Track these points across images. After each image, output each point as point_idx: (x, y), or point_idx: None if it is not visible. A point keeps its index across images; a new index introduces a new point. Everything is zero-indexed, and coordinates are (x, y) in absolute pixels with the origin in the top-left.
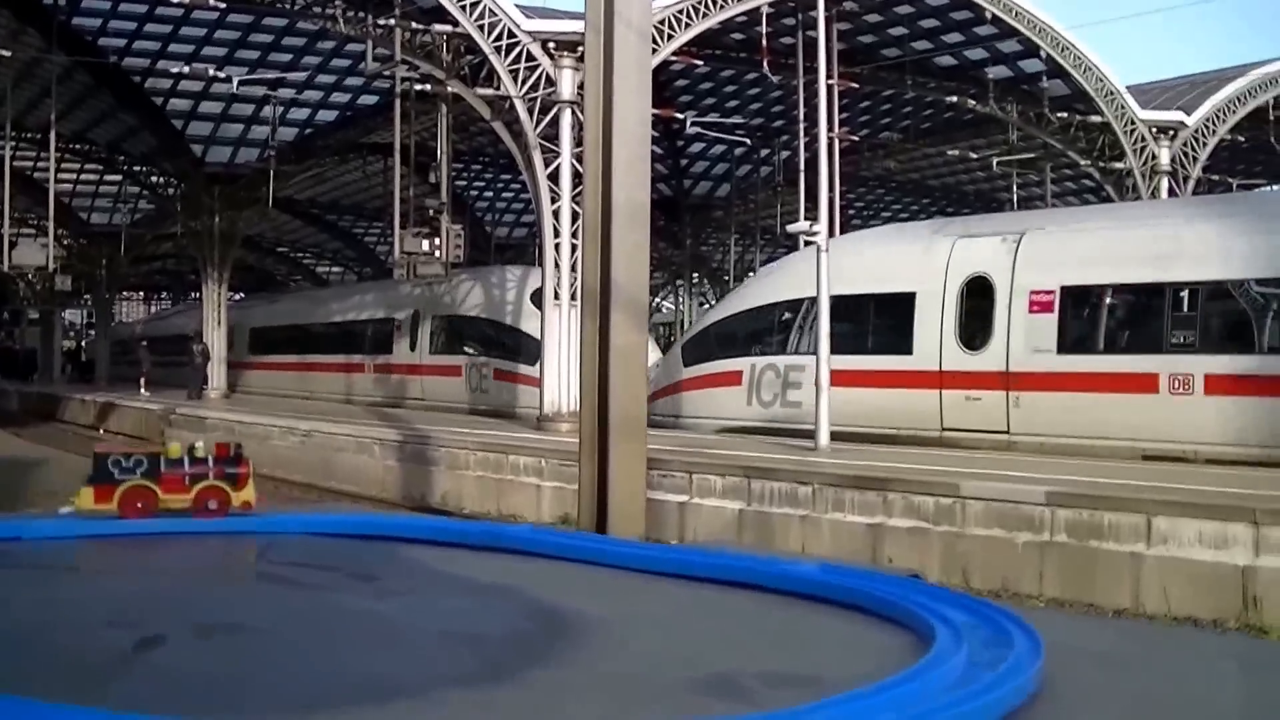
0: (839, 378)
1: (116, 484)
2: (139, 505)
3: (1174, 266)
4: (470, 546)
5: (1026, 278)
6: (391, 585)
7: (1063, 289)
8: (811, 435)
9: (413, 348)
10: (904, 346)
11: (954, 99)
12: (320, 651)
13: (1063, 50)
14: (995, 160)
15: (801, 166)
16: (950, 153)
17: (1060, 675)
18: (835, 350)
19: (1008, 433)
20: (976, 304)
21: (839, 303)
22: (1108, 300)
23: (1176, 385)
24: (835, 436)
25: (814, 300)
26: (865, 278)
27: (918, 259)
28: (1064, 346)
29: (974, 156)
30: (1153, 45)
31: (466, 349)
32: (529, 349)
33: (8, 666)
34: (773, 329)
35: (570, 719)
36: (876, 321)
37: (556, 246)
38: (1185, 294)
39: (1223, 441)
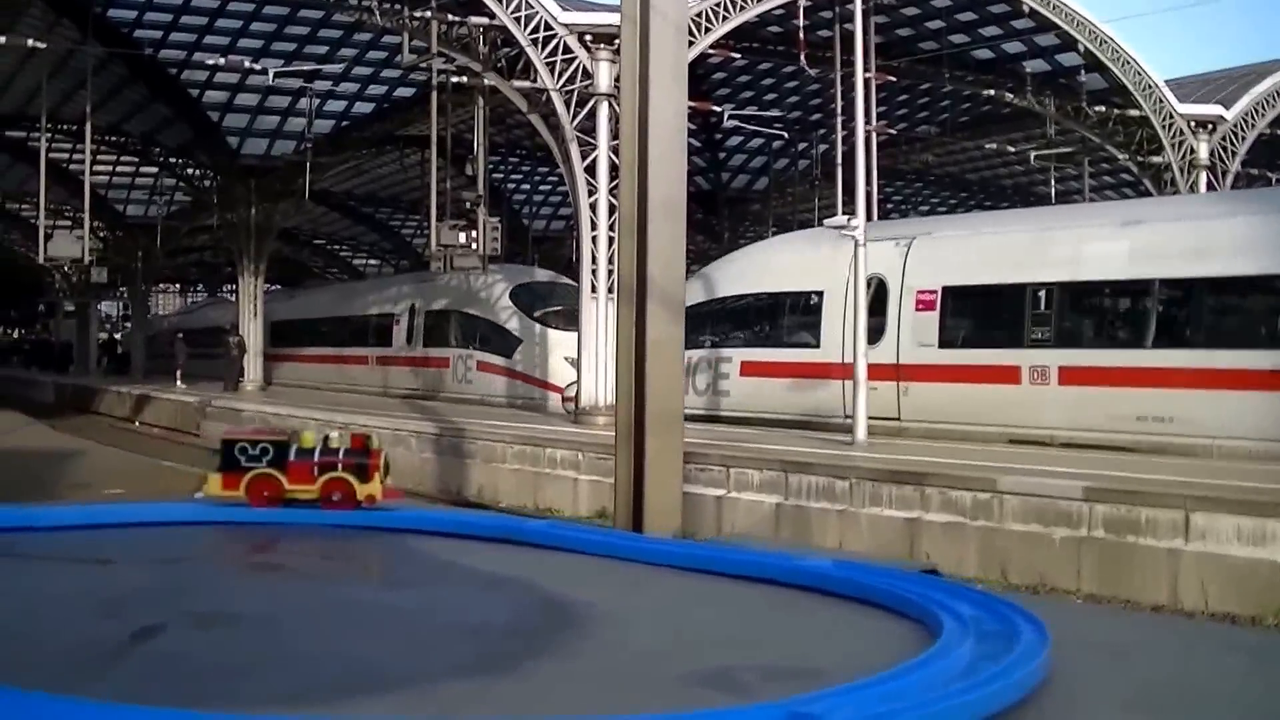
0: (757, 369)
1: (243, 471)
2: (265, 494)
3: (1035, 269)
4: (487, 539)
5: (914, 279)
6: (404, 577)
7: (943, 289)
8: (734, 422)
9: (409, 341)
10: (813, 341)
11: (991, 92)
12: (320, 641)
13: (1101, 44)
14: (1033, 154)
15: (839, 160)
16: (988, 146)
17: (1066, 666)
18: (753, 344)
19: (899, 419)
20: (874, 302)
21: (758, 300)
22: (979, 300)
23: (1036, 377)
24: (748, 423)
25: (731, 299)
26: (782, 278)
27: (827, 260)
28: (943, 342)
29: (1011, 150)
30: (1191, 39)
31: (453, 342)
32: (509, 343)
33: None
34: (705, 325)
35: (560, 710)
36: (790, 318)
37: (594, 239)
38: (1042, 294)
39: (1073, 426)
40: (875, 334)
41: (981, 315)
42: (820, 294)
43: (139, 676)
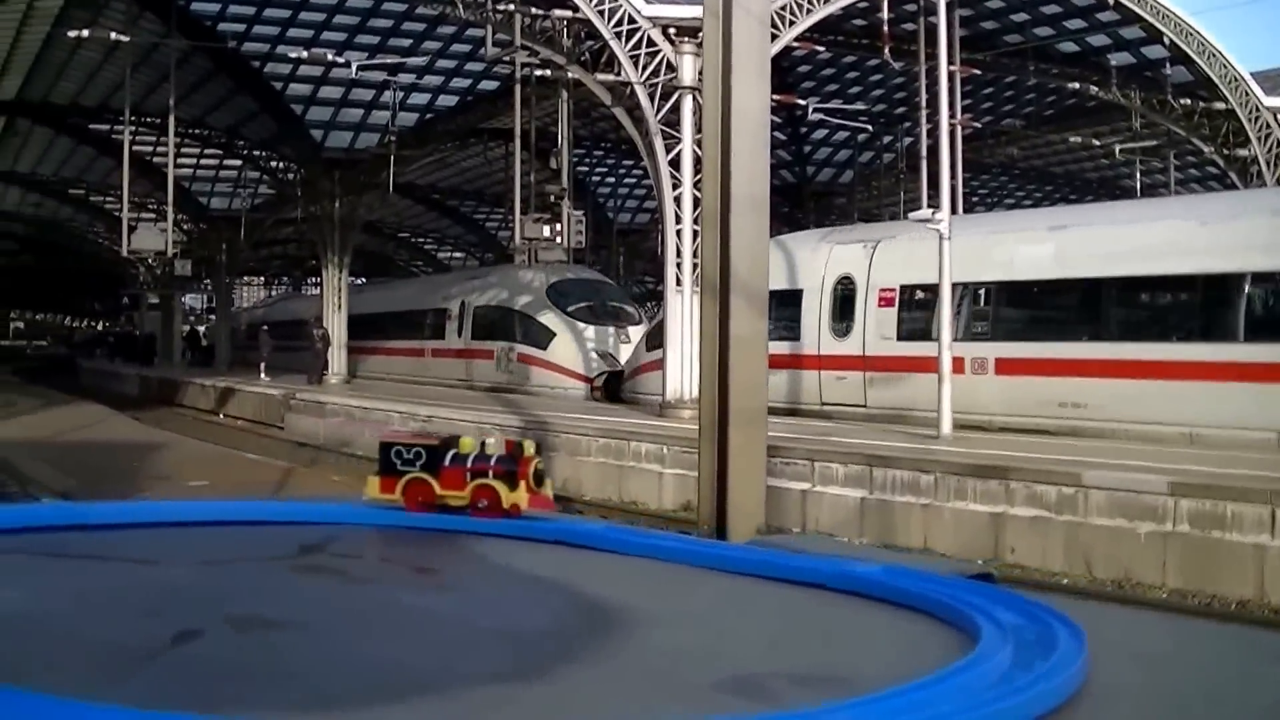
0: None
1: (399, 475)
2: (419, 499)
3: (977, 270)
4: (539, 541)
5: (877, 278)
6: (448, 579)
7: (900, 287)
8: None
9: (459, 334)
10: (794, 333)
11: (1076, 85)
12: (356, 645)
13: (1186, 36)
14: (1118, 148)
15: (923, 153)
16: (1072, 140)
17: (1102, 674)
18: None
19: (865, 406)
20: (845, 300)
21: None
22: (931, 297)
23: (977, 367)
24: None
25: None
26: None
27: (806, 261)
28: (900, 335)
29: (1096, 144)
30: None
31: (496, 336)
32: (544, 336)
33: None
34: None
35: (583, 716)
36: (777, 313)
37: (678, 233)
38: (982, 292)
39: (1008, 412)
40: (846, 329)
41: (933, 311)
42: (800, 292)
43: (169, 679)
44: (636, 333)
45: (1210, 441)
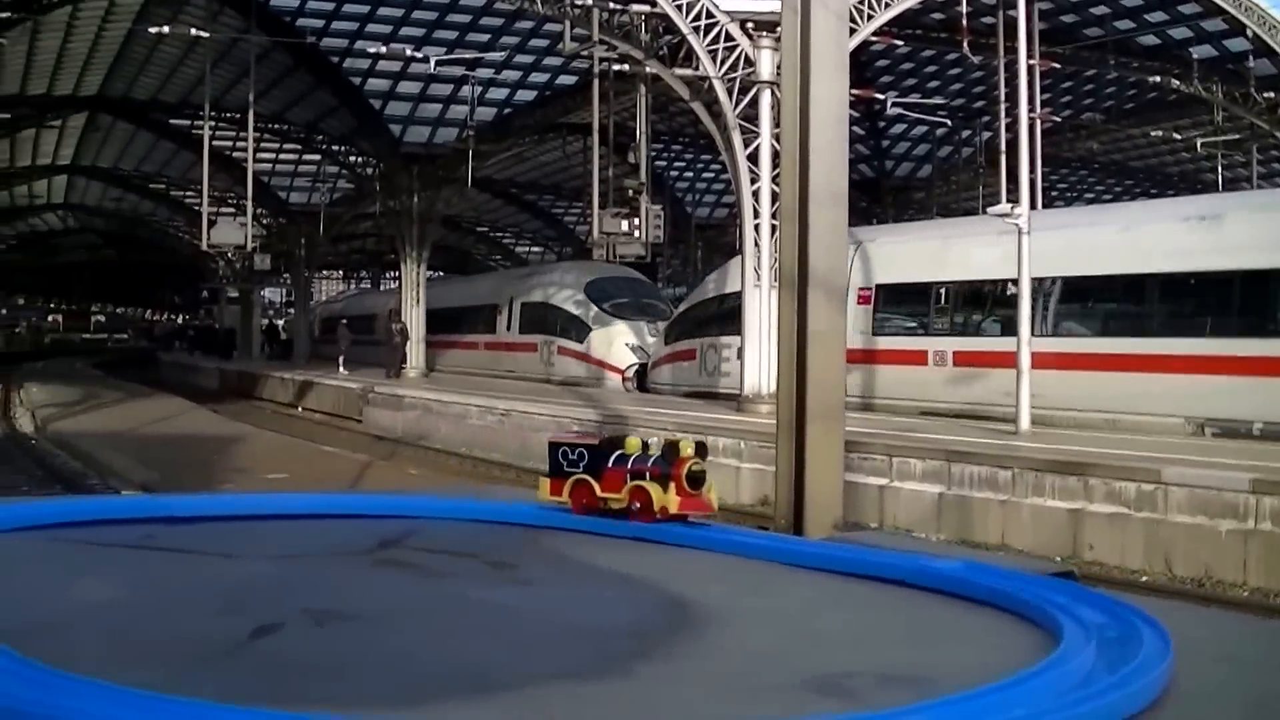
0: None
1: (566, 477)
2: (582, 501)
3: (937, 270)
4: (618, 537)
5: (856, 278)
6: (527, 575)
7: (877, 286)
8: (730, 398)
9: (509, 328)
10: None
11: (1157, 79)
12: (432, 642)
13: (1270, 29)
14: (1199, 141)
15: (1002, 147)
16: (1153, 134)
17: (1189, 676)
18: (736, 332)
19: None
20: None
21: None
22: (900, 295)
23: (938, 359)
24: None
25: (730, 296)
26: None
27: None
28: (875, 330)
29: (1178, 138)
30: None
31: (539, 330)
32: (581, 331)
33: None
34: (712, 318)
35: (664, 716)
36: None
37: (756, 228)
38: (942, 291)
39: (964, 401)
40: None
41: (901, 308)
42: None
43: (249, 673)
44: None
45: (1126, 426)
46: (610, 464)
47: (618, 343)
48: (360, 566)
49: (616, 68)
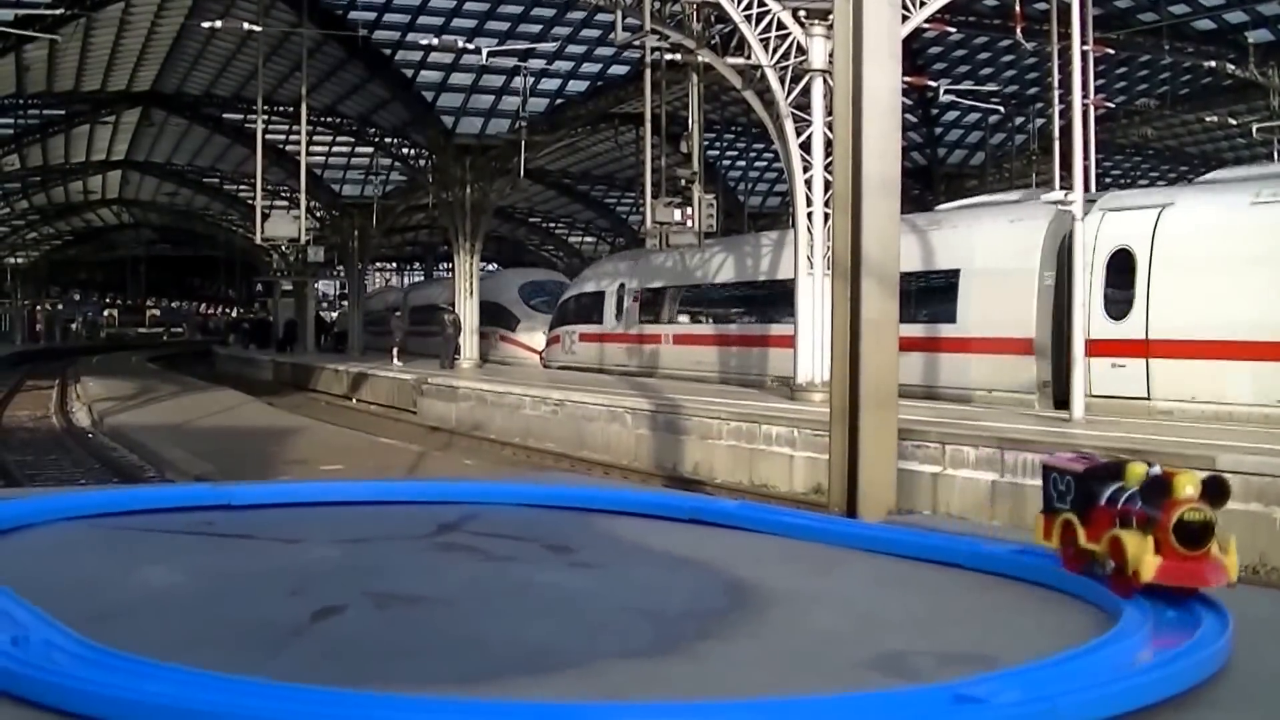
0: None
1: (1055, 514)
2: (1070, 550)
3: (673, 279)
4: (676, 520)
5: (633, 283)
6: (586, 557)
7: (641, 289)
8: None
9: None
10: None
11: (1212, 64)
12: (495, 623)
13: None
14: (1255, 126)
15: (1056, 134)
16: (1208, 119)
17: (1247, 654)
18: (658, 320)
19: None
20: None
21: (654, 291)
22: (651, 295)
23: (668, 339)
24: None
25: (588, 294)
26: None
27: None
28: (641, 320)
29: (1233, 123)
30: None
31: (485, 322)
32: (513, 322)
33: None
34: (570, 313)
35: (730, 693)
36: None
37: (809, 216)
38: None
39: (685, 366)
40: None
41: (652, 306)
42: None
43: (315, 655)
44: None
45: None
46: (1103, 500)
47: (537, 332)
48: (420, 551)
49: (668, 57)
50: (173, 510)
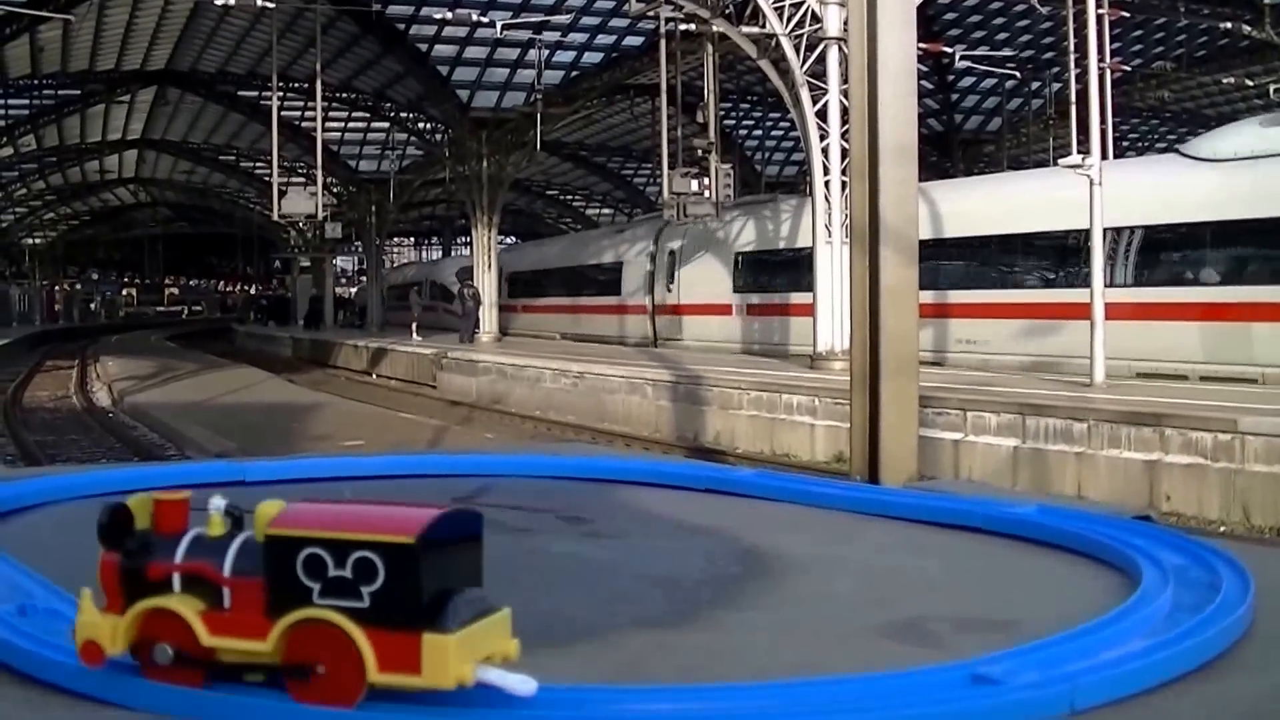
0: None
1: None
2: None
3: (535, 263)
4: (692, 489)
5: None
6: (602, 527)
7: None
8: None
9: (419, 296)
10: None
11: (1228, 25)
12: (508, 593)
13: None
14: (1272, 88)
15: (1072, 98)
16: (1225, 81)
17: (1271, 617)
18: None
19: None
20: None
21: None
22: (530, 276)
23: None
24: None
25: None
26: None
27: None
28: (510, 295)
29: (1250, 85)
30: None
31: (419, 297)
32: (450, 298)
33: None
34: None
35: (748, 662)
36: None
37: (826, 184)
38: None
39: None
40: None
41: (531, 285)
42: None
43: None
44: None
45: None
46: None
47: (456, 303)
48: None
49: (683, 27)
50: (190, 488)
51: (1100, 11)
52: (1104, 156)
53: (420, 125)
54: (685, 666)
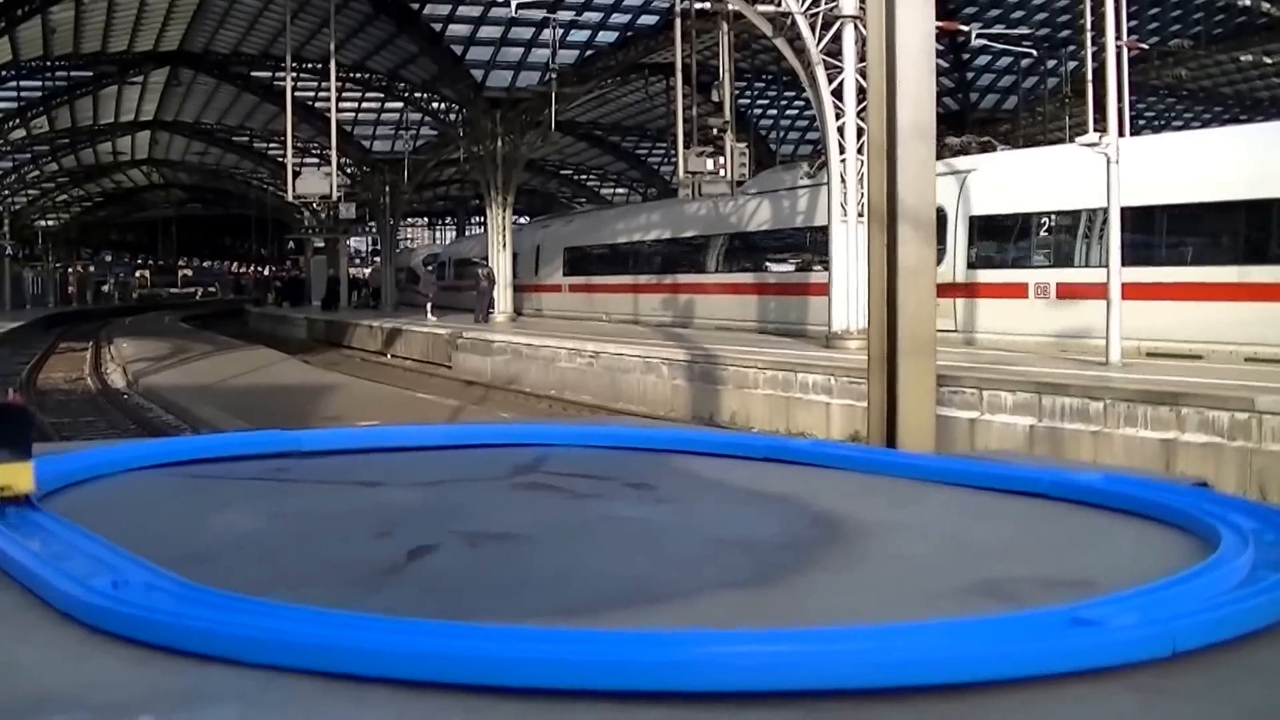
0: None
1: None
2: None
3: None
4: (749, 458)
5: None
6: (667, 494)
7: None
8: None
9: (396, 279)
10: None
11: (1247, 3)
12: (582, 557)
13: None
14: None
15: (1089, 77)
16: (1244, 59)
17: None
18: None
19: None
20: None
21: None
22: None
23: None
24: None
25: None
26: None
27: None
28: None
29: (1268, 62)
30: None
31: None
32: (419, 281)
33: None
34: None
35: (834, 619)
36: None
37: (842, 163)
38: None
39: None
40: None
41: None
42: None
43: (415, 591)
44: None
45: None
46: None
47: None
48: (500, 491)
49: (698, 6)
50: (243, 459)
51: None
52: (1120, 135)
53: (434, 105)
54: (784, 621)
